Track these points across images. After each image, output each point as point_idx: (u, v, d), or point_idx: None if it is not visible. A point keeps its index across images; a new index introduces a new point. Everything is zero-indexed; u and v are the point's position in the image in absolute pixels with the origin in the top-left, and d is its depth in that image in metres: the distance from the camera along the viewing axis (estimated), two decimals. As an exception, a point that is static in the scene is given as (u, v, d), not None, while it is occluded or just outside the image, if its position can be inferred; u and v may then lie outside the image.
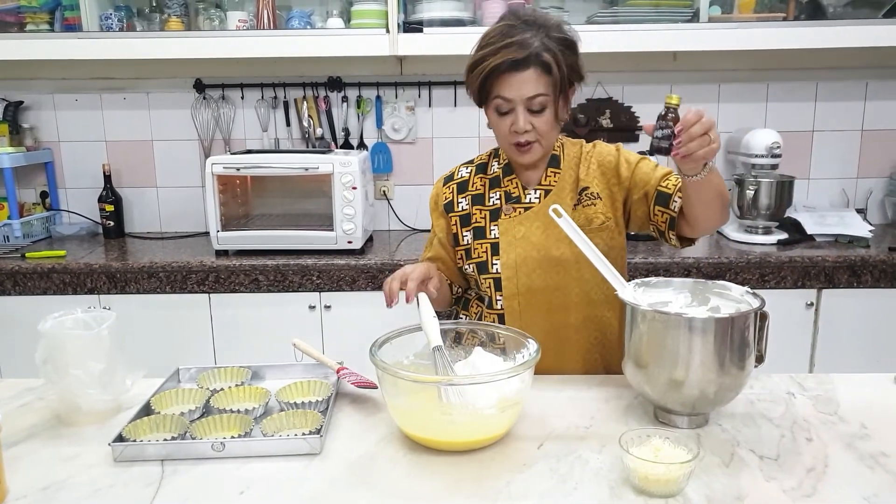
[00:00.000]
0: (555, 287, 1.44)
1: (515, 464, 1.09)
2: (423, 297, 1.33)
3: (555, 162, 1.48)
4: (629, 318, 1.20)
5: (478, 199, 1.51)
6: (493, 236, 1.47)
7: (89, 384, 1.22)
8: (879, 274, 2.41)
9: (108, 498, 1.02)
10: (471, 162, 1.57)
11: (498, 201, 1.49)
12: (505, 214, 1.47)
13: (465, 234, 1.51)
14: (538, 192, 1.47)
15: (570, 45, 1.37)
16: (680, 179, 1.37)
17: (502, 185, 1.49)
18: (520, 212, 1.46)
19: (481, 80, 1.35)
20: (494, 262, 1.46)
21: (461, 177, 1.55)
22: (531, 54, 1.31)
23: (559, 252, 1.43)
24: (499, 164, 1.51)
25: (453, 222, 1.53)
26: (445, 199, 1.54)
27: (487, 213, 1.49)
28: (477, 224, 1.49)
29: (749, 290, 1.24)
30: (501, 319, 1.47)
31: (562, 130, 2.84)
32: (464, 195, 1.52)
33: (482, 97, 1.39)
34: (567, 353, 1.46)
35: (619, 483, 1.03)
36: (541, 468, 1.08)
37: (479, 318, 1.53)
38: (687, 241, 1.45)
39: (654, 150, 1.12)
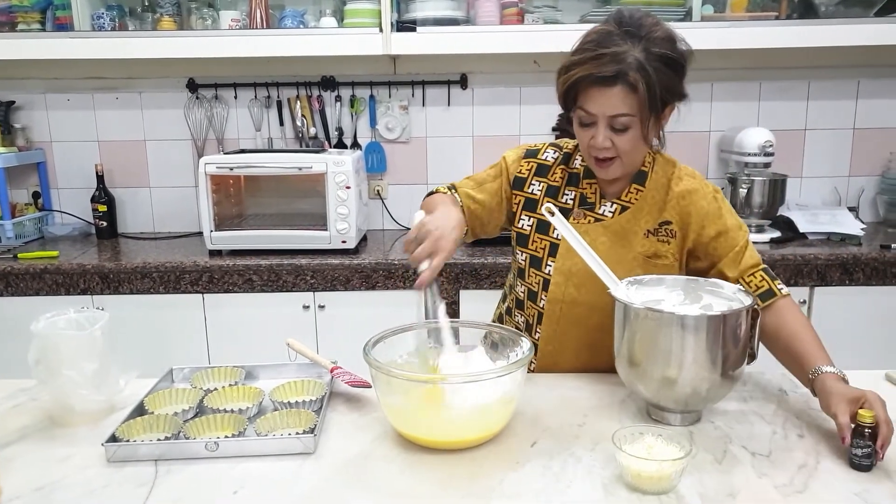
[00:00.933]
0: (600, 308, 1.34)
1: (509, 462, 1.09)
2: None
3: (640, 178, 1.39)
4: (622, 317, 1.21)
5: (552, 191, 1.43)
6: (555, 236, 1.41)
7: (82, 384, 1.22)
8: (871, 271, 2.42)
9: (102, 498, 1.02)
10: (558, 146, 1.47)
11: (571, 202, 1.42)
12: (574, 219, 1.40)
13: (524, 217, 1.45)
14: (615, 206, 1.39)
15: (671, 62, 1.26)
16: (764, 281, 1.34)
17: (580, 187, 1.42)
18: (590, 220, 1.40)
19: (566, 89, 1.29)
20: (549, 262, 1.42)
21: (545, 159, 1.45)
22: (620, 71, 1.22)
23: (616, 275, 1.32)
24: (581, 160, 1.43)
25: (517, 201, 1.45)
26: (520, 173, 1.45)
27: (557, 210, 1.36)
28: (542, 217, 1.39)
29: (741, 287, 1.25)
30: (540, 318, 1.45)
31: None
32: (540, 179, 1.44)
33: (567, 104, 1.32)
34: (595, 367, 1.43)
35: (612, 480, 1.03)
36: (534, 466, 1.08)
37: (509, 307, 1.53)
38: None
39: (854, 468, 1.05)
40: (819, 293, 2.44)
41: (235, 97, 2.88)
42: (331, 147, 2.89)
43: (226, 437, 1.15)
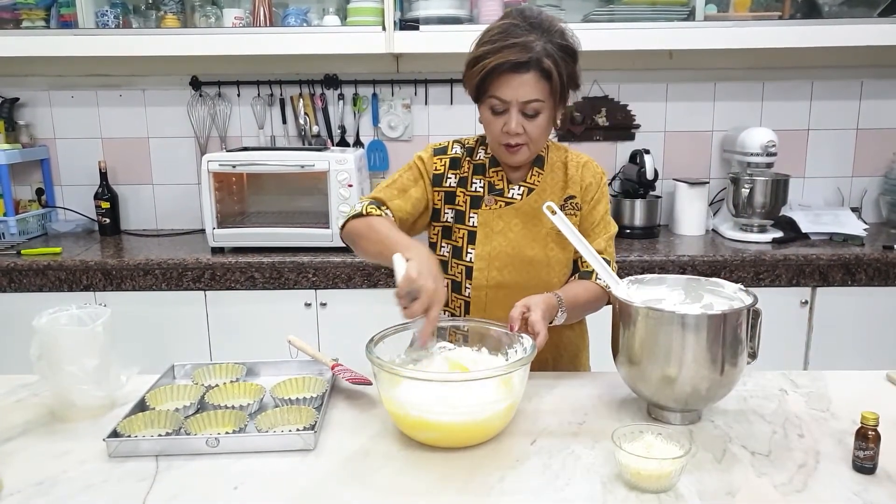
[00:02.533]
0: (523, 286, 1.43)
1: (508, 460, 1.10)
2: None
3: (539, 162, 1.48)
4: (621, 316, 1.21)
5: (462, 182, 1.49)
6: (471, 224, 1.47)
7: (83, 380, 1.23)
8: (874, 272, 2.42)
9: (103, 493, 1.02)
10: (460, 142, 1.53)
11: (481, 189, 1.48)
12: (486, 205, 1.46)
13: (447, 211, 1.49)
14: (522, 188, 1.47)
15: (571, 53, 1.35)
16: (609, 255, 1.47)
17: (487, 175, 1.48)
18: (501, 205, 1.46)
19: (480, 78, 1.34)
20: (469, 250, 1.47)
21: (455, 153, 1.51)
22: (532, 58, 1.30)
23: (532, 252, 1.45)
24: (485, 152, 1.50)
25: (438, 197, 1.49)
26: (437, 170, 1.49)
27: (469, 198, 1.48)
28: (458, 207, 1.48)
29: (742, 287, 1.25)
30: (467, 307, 1.48)
31: (558, 130, 2.83)
32: (454, 172, 1.49)
33: (479, 94, 1.38)
34: None
35: (612, 479, 1.03)
36: (534, 464, 1.08)
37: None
38: None
39: (856, 470, 1.05)
40: (821, 293, 2.44)
41: (238, 95, 2.89)
42: (333, 145, 2.90)
43: (227, 433, 1.15)
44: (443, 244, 1.51)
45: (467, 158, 1.50)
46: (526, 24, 1.33)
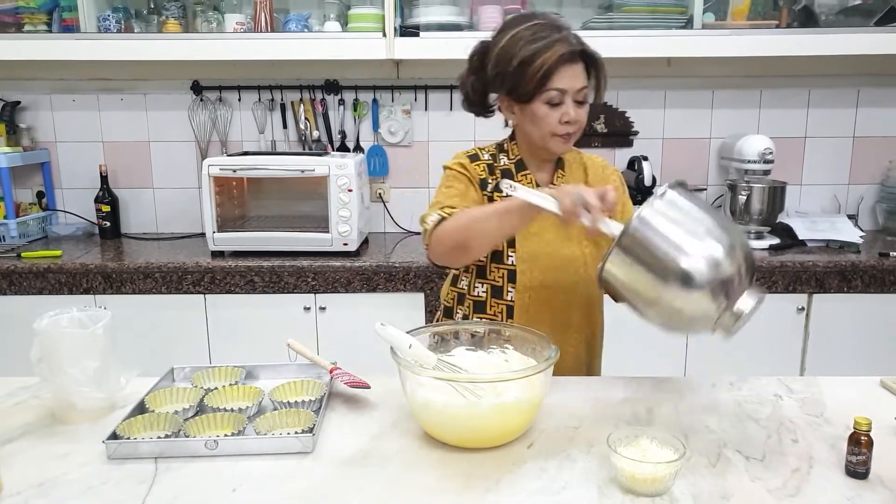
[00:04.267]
0: (563, 285, 1.47)
1: (505, 463, 1.10)
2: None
3: (560, 164, 1.53)
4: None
5: (496, 188, 1.49)
6: None
7: (84, 382, 1.23)
8: (869, 279, 2.43)
9: (102, 495, 1.03)
10: (482, 150, 1.54)
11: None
12: None
13: None
14: (551, 189, 1.47)
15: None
16: None
17: (516, 179, 1.48)
18: None
19: (542, 74, 1.36)
20: (510, 253, 1.47)
21: (486, 159, 1.52)
22: (578, 49, 1.38)
23: (569, 251, 1.47)
24: (508, 158, 1.51)
25: (485, 202, 1.48)
26: (480, 175, 1.49)
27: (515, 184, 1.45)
28: None
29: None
30: (510, 311, 1.48)
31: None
32: (493, 178, 1.50)
33: (535, 91, 1.38)
34: (563, 350, 1.47)
35: (607, 482, 1.04)
36: (530, 468, 1.09)
37: (465, 315, 1.54)
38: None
39: (850, 475, 1.05)
40: (817, 300, 2.45)
41: (239, 100, 2.90)
42: (333, 150, 2.91)
43: (225, 435, 1.16)
44: None
45: (494, 164, 1.52)
46: (550, 22, 1.40)
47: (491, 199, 1.48)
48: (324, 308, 2.45)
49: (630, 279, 1.12)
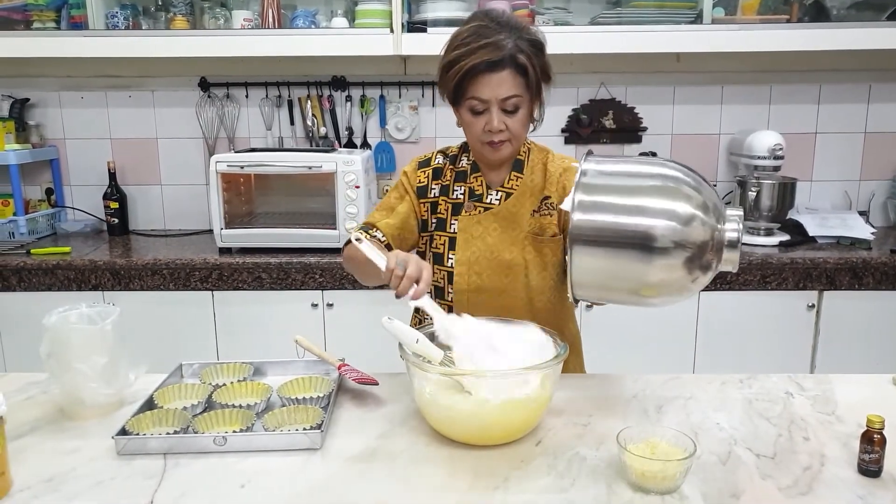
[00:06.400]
0: (502, 289, 1.46)
1: (513, 460, 1.10)
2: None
3: (518, 166, 1.49)
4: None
5: (444, 190, 1.52)
6: (451, 230, 1.49)
7: (92, 378, 1.24)
8: (881, 276, 2.41)
9: (111, 490, 1.03)
10: (444, 152, 1.56)
11: (461, 196, 1.50)
12: (466, 212, 1.48)
13: (433, 220, 1.52)
14: (500, 193, 1.48)
15: (540, 46, 1.39)
16: None
17: (468, 182, 1.50)
18: (480, 211, 1.48)
19: (457, 81, 1.36)
20: (450, 256, 1.49)
21: (437, 164, 1.54)
22: (506, 56, 1.33)
23: (510, 256, 1.46)
24: (468, 159, 1.53)
25: (425, 208, 1.52)
26: (420, 182, 1.53)
27: (450, 205, 1.50)
28: (440, 215, 1.51)
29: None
30: (450, 311, 1.46)
31: (565, 132, 2.84)
32: (436, 182, 1.52)
33: (456, 97, 1.40)
34: None
35: (616, 480, 1.04)
36: (538, 464, 1.09)
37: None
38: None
39: (862, 473, 1.05)
40: (828, 297, 2.43)
41: (247, 96, 2.90)
42: (341, 147, 2.91)
43: (234, 432, 1.16)
44: (430, 251, 1.53)
45: (450, 167, 1.53)
46: (494, 23, 1.36)
47: (435, 206, 1.51)
48: (331, 305, 2.45)
49: (606, 276, 1.11)
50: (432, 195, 1.52)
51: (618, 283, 1.15)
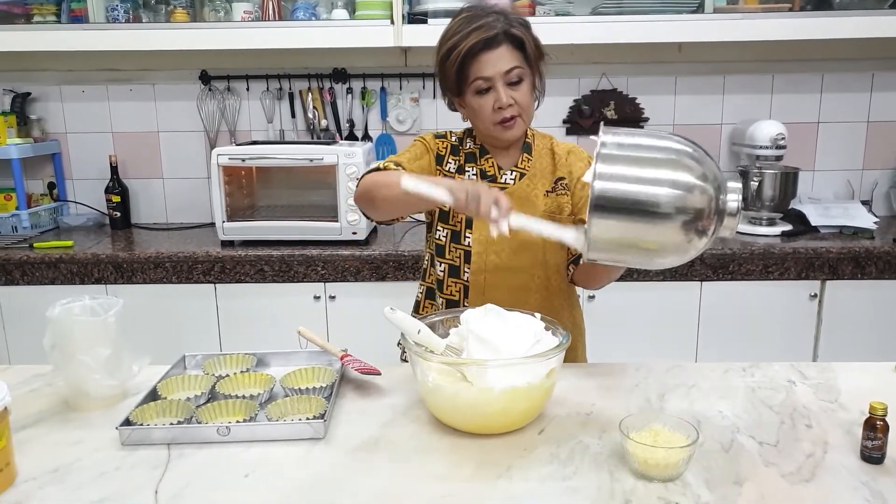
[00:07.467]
0: (519, 267, 1.48)
1: (516, 449, 1.10)
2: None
3: (527, 148, 1.52)
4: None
5: (459, 169, 1.53)
6: None
7: (96, 370, 1.24)
8: (884, 265, 2.40)
9: (115, 480, 1.04)
10: (454, 133, 1.57)
11: (474, 177, 1.51)
12: None
13: None
14: (514, 174, 1.50)
15: (527, 25, 1.43)
16: None
17: (478, 164, 1.51)
18: None
19: (458, 67, 1.38)
20: (467, 235, 1.49)
21: (454, 141, 1.56)
22: (500, 31, 1.37)
23: (527, 234, 1.45)
24: (473, 143, 1.53)
25: (440, 176, 1.52)
26: (439, 151, 1.53)
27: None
28: None
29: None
30: (466, 291, 1.50)
31: (566, 122, 2.82)
32: (453, 158, 1.53)
33: (460, 84, 1.41)
34: None
35: (619, 467, 1.04)
36: (541, 453, 1.09)
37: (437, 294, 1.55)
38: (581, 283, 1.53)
39: (865, 460, 1.05)
40: (830, 287, 2.43)
41: (248, 89, 2.90)
42: (342, 139, 2.91)
43: (237, 422, 1.16)
44: (439, 227, 1.53)
45: (460, 147, 1.55)
46: (480, 9, 1.41)
47: (449, 179, 1.47)
48: (333, 297, 2.46)
49: (621, 237, 1.12)
50: (448, 168, 1.52)
51: (630, 247, 1.17)
